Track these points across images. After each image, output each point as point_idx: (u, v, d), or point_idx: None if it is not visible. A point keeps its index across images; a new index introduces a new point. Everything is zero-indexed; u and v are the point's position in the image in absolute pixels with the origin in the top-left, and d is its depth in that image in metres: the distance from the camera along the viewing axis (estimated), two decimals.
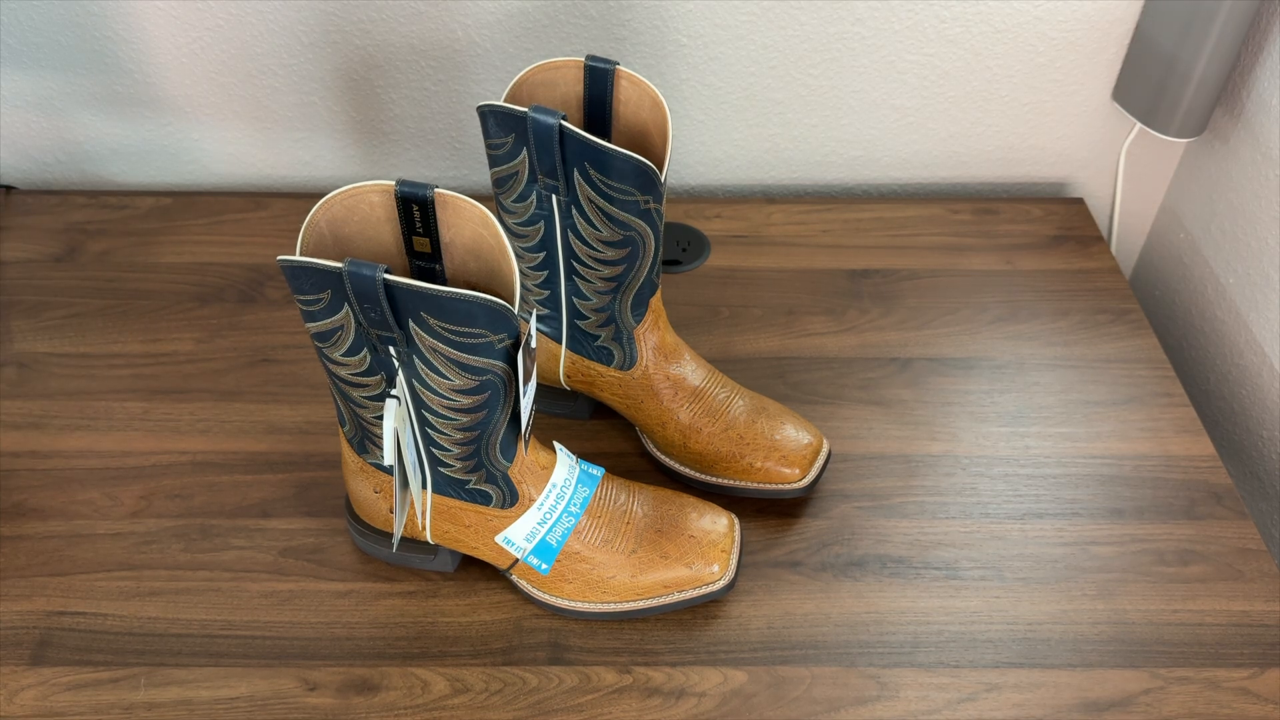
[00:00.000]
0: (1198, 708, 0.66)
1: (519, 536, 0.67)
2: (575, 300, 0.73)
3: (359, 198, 0.58)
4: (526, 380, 0.60)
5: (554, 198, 0.67)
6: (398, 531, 0.66)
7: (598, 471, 0.70)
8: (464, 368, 0.58)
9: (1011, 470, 0.80)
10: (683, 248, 0.98)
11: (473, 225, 0.58)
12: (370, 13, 0.93)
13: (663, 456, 0.78)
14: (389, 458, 0.61)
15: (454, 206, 0.57)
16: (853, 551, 0.75)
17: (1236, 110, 0.94)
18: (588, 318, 0.73)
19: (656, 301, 0.74)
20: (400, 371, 0.60)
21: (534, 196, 0.67)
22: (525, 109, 0.63)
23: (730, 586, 0.70)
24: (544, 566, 0.68)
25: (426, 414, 0.61)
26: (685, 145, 1.04)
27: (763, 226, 1.00)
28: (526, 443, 0.65)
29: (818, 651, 0.69)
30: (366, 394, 0.61)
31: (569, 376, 0.79)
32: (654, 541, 0.69)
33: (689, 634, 0.70)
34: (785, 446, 0.75)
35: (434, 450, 0.64)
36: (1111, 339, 0.90)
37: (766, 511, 0.77)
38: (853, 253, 0.98)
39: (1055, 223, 1.01)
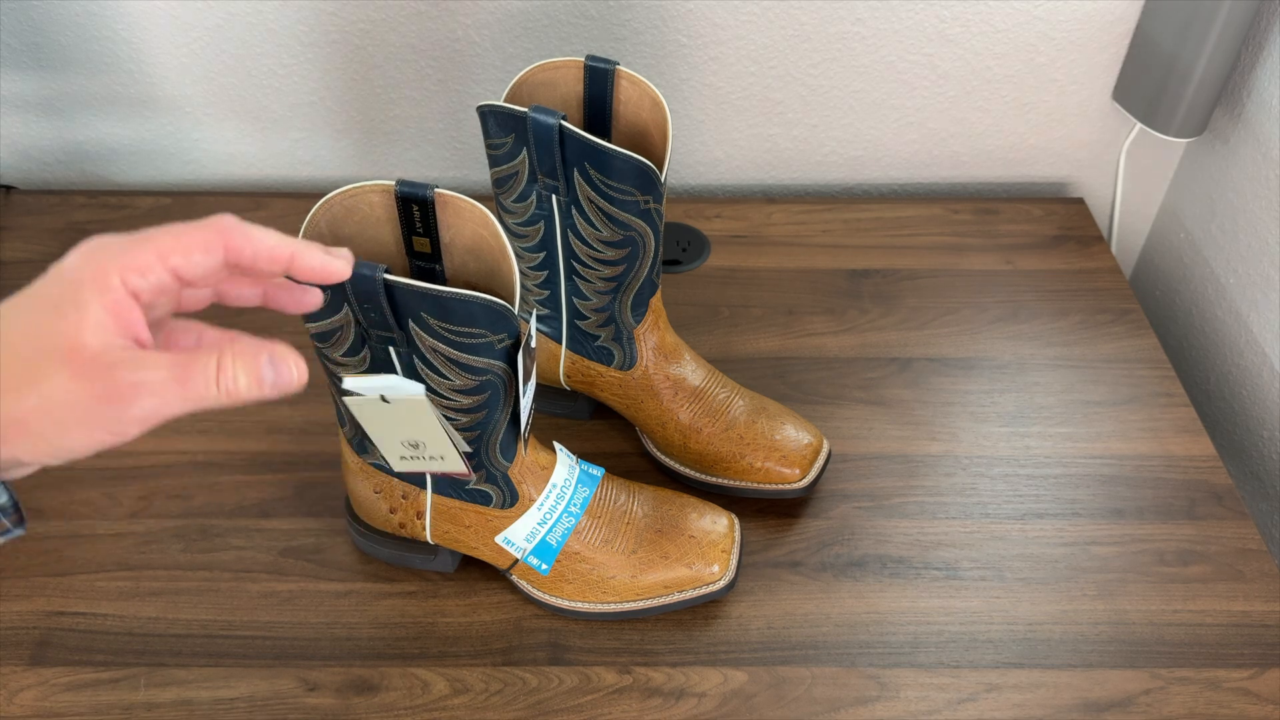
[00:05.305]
0: (1198, 708, 0.66)
1: (519, 537, 0.67)
2: (575, 300, 0.73)
3: (359, 198, 0.58)
4: (526, 380, 0.60)
5: (554, 198, 0.67)
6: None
7: (598, 472, 0.70)
8: (464, 368, 0.58)
9: (1011, 470, 0.80)
10: (683, 248, 0.98)
11: (473, 225, 0.58)
12: (370, 13, 0.93)
13: (663, 456, 0.78)
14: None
15: (454, 206, 0.57)
16: (853, 551, 0.75)
17: (1236, 110, 0.94)
18: (588, 318, 0.73)
19: (656, 301, 0.74)
20: (400, 372, 0.59)
21: (534, 196, 0.67)
22: (525, 109, 0.63)
23: (730, 587, 0.70)
24: (544, 567, 0.68)
25: None
26: (685, 145, 1.04)
27: (763, 226, 1.00)
28: (526, 443, 0.65)
29: (818, 652, 0.69)
30: None
31: (569, 376, 0.79)
32: (654, 542, 0.69)
33: (689, 634, 0.70)
34: (785, 446, 0.75)
35: None
36: (1111, 339, 0.90)
37: (766, 511, 0.77)
38: (853, 253, 0.98)
39: (1055, 223, 1.01)
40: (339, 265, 0.42)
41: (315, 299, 0.45)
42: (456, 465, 0.62)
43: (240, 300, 0.44)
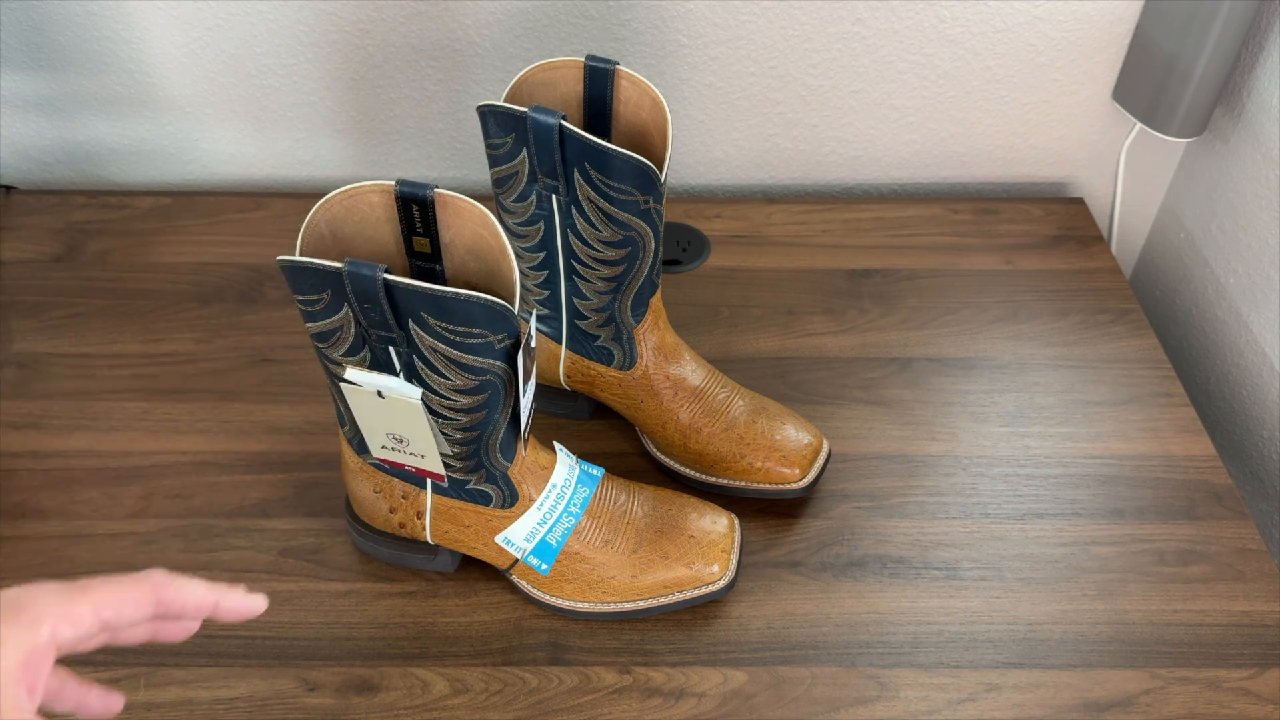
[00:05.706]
0: (1198, 708, 0.66)
1: (519, 536, 0.67)
2: (575, 300, 0.73)
3: (359, 198, 0.58)
4: (526, 380, 0.60)
5: (554, 198, 0.67)
6: None
7: (598, 472, 0.70)
8: (464, 368, 0.58)
9: (1011, 470, 0.80)
10: (683, 248, 0.98)
11: (473, 225, 0.58)
12: (370, 13, 0.93)
13: (663, 456, 0.78)
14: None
15: (454, 206, 0.57)
16: (853, 551, 0.75)
17: (1236, 110, 0.94)
18: (588, 318, 0.73)
19: (656, 301, 0.74)
20: (400, 372, 0.60)
21: (534, 196, 0.67)
22: (525, 109, 0.63)
23: (730, 586, 0.70)
24: (544, 567, 0.68)
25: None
26: (685, 145, 1.04)
27: (763, 226, 1.00)
28: (526, 443, 0.65)
29: (818, 651, 0.69)
30: None
31: (569, 376, 0.79)
32: (654, 541, 0.69)
33: (689, 634, 0.70)
34: (785, 446, 0.75)
35: None
36: (1111, 339, 0.90)
37: (766, 511, 0.77)
38: (853, 253, 0.98)
39: (1055, 223, 1.01)
40: (259, 604, 0.45)
41: (194, 627, 0.47)
42: (435, 466, 0.63)
43: (130, 640, 0.45)
